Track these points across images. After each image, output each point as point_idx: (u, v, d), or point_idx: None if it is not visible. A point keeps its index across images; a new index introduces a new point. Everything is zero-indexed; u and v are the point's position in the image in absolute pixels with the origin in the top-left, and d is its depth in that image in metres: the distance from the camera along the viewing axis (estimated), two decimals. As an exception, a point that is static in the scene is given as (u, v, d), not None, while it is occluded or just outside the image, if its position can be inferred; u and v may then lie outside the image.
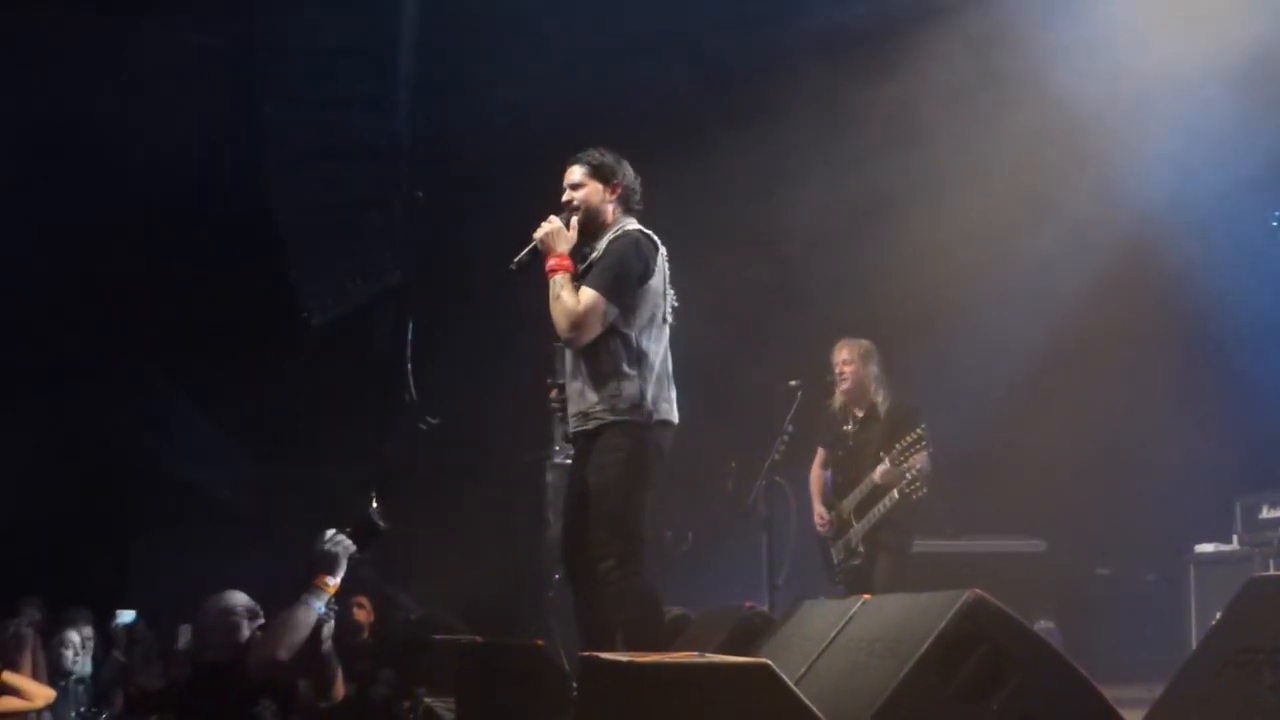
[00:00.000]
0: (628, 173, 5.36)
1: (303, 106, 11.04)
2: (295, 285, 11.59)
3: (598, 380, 5.12)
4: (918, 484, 7.11)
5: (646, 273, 5.19)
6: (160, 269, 11.82)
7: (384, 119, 11.12)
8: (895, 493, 7.17)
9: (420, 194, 10.39)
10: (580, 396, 5.17)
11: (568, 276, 5.13)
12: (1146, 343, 9.73)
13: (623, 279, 5.13)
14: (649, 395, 5.13)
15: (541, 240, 5.19)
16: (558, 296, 5.11)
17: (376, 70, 11.02)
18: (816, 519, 7.77)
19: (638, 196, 5.39)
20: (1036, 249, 9.75)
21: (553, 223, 5.22)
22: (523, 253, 5.24)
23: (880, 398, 7.57)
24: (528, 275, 5.28)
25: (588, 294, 5.08)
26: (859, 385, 7.59)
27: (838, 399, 7.70)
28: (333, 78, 11.02)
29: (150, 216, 11.70)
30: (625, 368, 5.11)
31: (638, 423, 5.10)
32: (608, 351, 5.12)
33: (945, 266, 9.65)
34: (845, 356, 7.62)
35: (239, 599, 5.13)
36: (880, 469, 7.28)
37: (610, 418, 5.09)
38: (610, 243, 5.22)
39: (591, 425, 5.13)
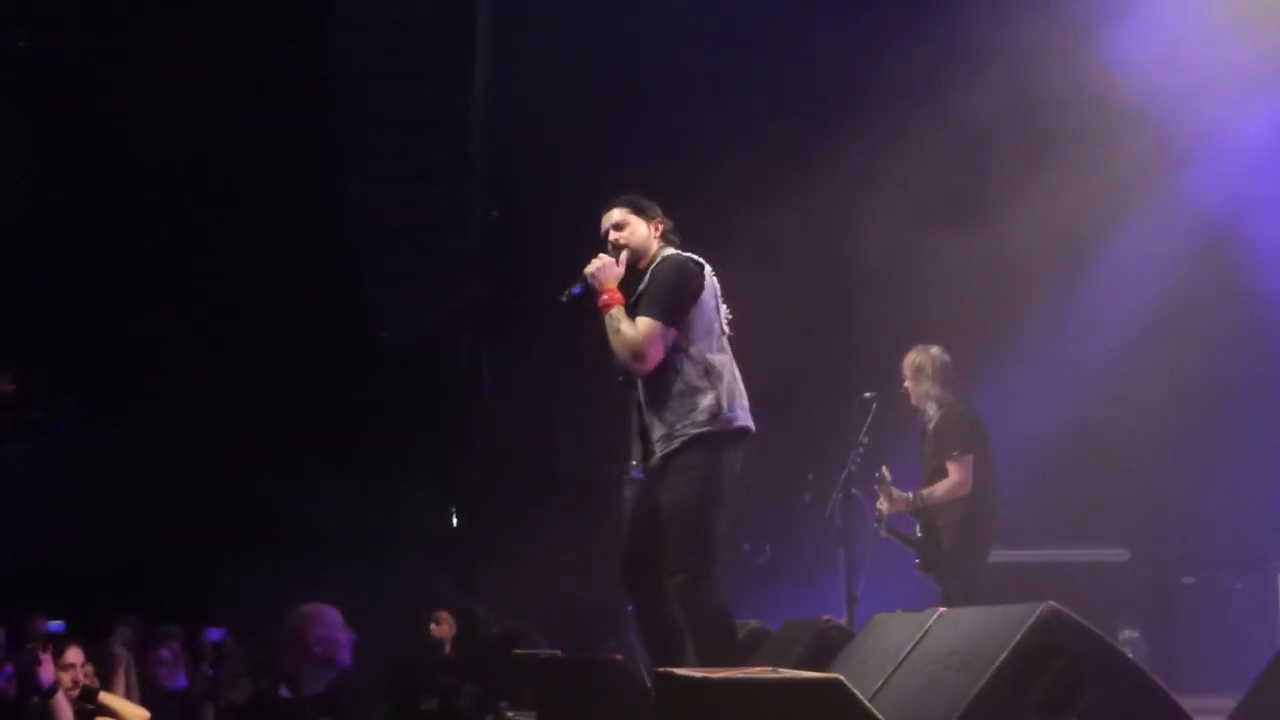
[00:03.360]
0: (660, 212, 5.51)
1: (379, 131, 11.21)
2: (374, 306, 11.77)
3: (674, 400, 5.18)
4: (878, 523, 7.35)
5: (695, 290, 5.27)
6: (244, 293, 12.06)
7: (459, 141, 11.26)
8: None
9: (495, 213, 10.51)
10: (660, 421, 5.22)
11: (622, 309, 5.24)
12: (1229, 344, 9.57)
13: (673, 300, 5.22)
14: (724, 403, 5.18)
15: (593, 275, 5.30)
16: (616, 330, 5.21)
17: (451, 93, 11.15)
18: None
19: (673, 231, 5.51)
20: (1113, 255, 9.67)
21: (603, 259, 5.35)
22: (573, 287, 5.37)
23: (932, 410, 7.50)
24: (578, 308, 5.37)
25: (644, 321, 5.17)
26: (915, 400, 7.56)
27: None
28: (407, 102, 11.18)
29: (231, 240, 11.95)
30: (697, 382, 5.18)
31: (719, 433, 5.15)
32: (675, 371, 5.19)
33: (1018, 274, 9.56)
34: (903, 371, 7.58)
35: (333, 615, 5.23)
36: (881, 497, 7.41)
37: (694, 431, 5.13)
38: (654, 270, 5.34)
39: (677, 443, 5.16)
